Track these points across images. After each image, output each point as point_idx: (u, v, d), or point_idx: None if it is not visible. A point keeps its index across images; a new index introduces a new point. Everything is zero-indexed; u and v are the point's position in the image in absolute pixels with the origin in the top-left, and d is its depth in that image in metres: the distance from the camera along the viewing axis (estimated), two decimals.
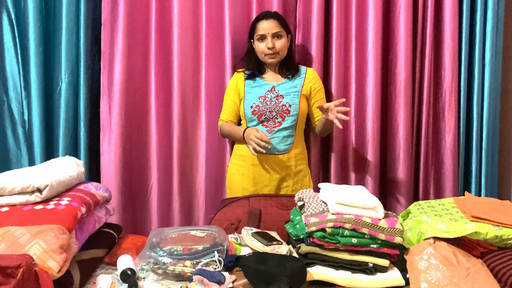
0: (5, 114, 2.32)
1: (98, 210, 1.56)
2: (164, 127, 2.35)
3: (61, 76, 2.26)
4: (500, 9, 2.37)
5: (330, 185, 1.57)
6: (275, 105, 2.10)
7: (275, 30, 2.06)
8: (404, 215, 1.61)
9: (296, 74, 2.15)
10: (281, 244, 1.53)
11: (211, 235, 1.47)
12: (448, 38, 2.33)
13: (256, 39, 2.11)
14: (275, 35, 2.07)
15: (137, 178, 2.36)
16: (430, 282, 1.25)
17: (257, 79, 2.17)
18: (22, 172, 1.48)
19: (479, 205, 1.49)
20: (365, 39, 2.34)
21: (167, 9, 2.30)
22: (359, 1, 2.33)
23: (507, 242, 1.39)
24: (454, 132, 2.38)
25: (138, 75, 2.31)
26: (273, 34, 2.06)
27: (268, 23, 2.07)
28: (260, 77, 2.17)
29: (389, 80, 2.41)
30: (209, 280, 1.25)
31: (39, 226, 1.24)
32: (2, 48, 2.28)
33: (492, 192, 2.47)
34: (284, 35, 2.09)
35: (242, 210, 1.85)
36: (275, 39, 2.07)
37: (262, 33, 2.07)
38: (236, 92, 2.17)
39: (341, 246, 1.36)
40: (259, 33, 2.08)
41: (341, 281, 1.32)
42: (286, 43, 2.12)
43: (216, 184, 2.39)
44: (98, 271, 1.45)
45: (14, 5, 2.26)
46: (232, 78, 2.23)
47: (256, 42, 2.11)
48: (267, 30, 2.06)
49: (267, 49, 2.07)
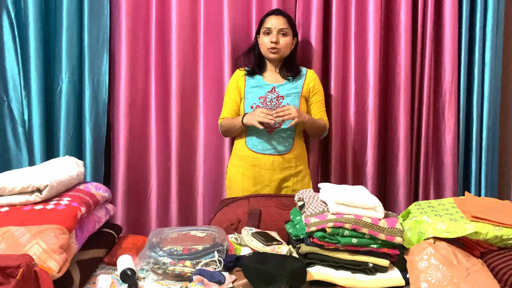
0: (5, 114, 2.31)
1: (98, 210, 1.56)
2: (163, 127, 2.35)
3: (61, 76, 2.25)
4: (500, 9, 2.38)
5: (330, 185, 1.57)
6: (276, 106, 2.10)
7: (282, 27, 2.09)
8: (404, 215, 1.61)
9: (297, 76, 2.16)
10: (281, 244, 1.52)
11: (211, 235, 1.47)
12: (448, 38, 2.34)
13: (262, 32, 2.13)
14: (281, 31, 2.09)
15: (137, 178, 2.36)
16: (430, 282, 1.25)
17: (258, 79, 2.17)
18: (22, 172, 1.48)
19: (479, 205, 1.49)
20: (365, 39, 2.34)
21: (166, 8, 2.30)
22: (359, 1, 2.33)
23: (507, 242, 1.39)
24: (454, 132, 2.38)
25: (140, 76, 2.32)
26: (279, 30, 2.08)
27: (276, 19, 2.10)
28: (260, 75, 2.17)
29: (389, 80, 2.42)
30: (209, 280, 1.25)
31: (39, 226, 1.24)
32: (2, 48, 2.28)
33: (492, 192, 2.47)
34: (289, 34, 2.11)
35: (242, 210, 1.85)
36: (280, 35, 2.09)
37: (268, 27, 2.09)
38: (237, 91, 2.17)
39: (341, 246, 1.36)
40: (266, 26, 2.11)
41: (341, 281, 1.31)
42: (291, 43, 2.13)
43: (215, 184, 2.39)
44: (98, 271, 1.44)
45: (14, 5, 2.26)
46: (232, 77, 2.23)
47: (262, 36, 2.13)
48: (274, 25, 2.08)
49: (270, 43, 2.09)
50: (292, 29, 2.14)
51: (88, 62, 2.26)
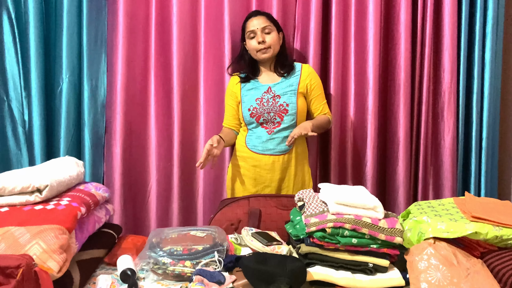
0: (5, 114, 2.31)
1: (98, 210, 1.56)
2: (163, 127, 2.35)
3: (62, 77, 2.26)
4: (500, 9, 2.38)
5: (330, 185, 1.57)
6: (273, 105, 2.10)
7: (264, 25, 2.08)
8: (404, 215, 1.61)
9: (292, 72, 2.15)
10: (281, 244, 1.53)
11: (211, 235, 1.47)
12: (447, 38, 2.34)
13: (247, 38, 2.12)
14: (264, 30, 2.09)
15: (137, 178, 2.36)
16: (430, 282, 1.25)
17: (253, 82, 2.17)
18: (22, 172, 1.48)
19: (479, 205, 1.49)
20: (365, 39, 2.34)
21: (166, 8, 2.30)
22: (359, 1, 2.33)
23: (507, 242, 1.39)
24: (453, 132, 2.38)
25: (139, 76, 2.32)
26: (262, 29, 2.08)
27: (256, 19, 2.10)
28: (254, 80, 2.17)
29: (388, 81, 2.42)
30: (209, 280, 1.25)
31: (39, 226, 1.24)
32: (2, 48, 2.28)
33: (492, 192, 2.47)
34: (273, 30, 2.11)
35: (242, 210, 1.85)
36: (264, 34, 2.09)
37: (252, 29, 2.09)
38: (233, 97, 2.18)
39: (341, 246, 1.36)
40: (249, 29, 2.10)
41: (341, 281, 1.31)
42: (277, 38, 2.12)
43: (215, 184, 2.39)
44: (98, 271, 1.44)
45: (14, 5, 2.26)
46: (228, 84, 2.24)
47: (248, 41, 2.13)
48: (255, 26, 2.09)
49: (258, 44, 2.08)
50: (275, 25, 2.13)
51: (86, 62, 2.26)
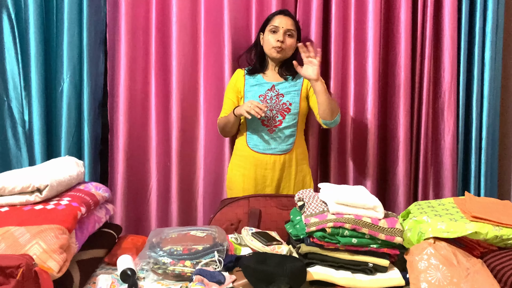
0: (5, 114, 2.31)
1: (98, 210, 1.56)
2: (163, 127, 2.35)
3: (62, 77, 2.25)
4: (500, 9, 2.38)
5: (330, 185, 1.57)
6: (276, 103, 2.10)
7: (289, 28, 2.09)
8: (404, 215, 1.61)
9: (296, 75, 2.15)
10: (281, 244, 1.53)
11: (211, 235, 1.47)
12: (447, 38, 2.34)
13: (268, 30, 2.11)
14: (288, 32, 2.09)
15: (137, 178, 2.36)
16: (430, 282, 1.25)
17: (257, 77, 2.17)
18: (22, 172, 1.47)
19: (479, 205, 1.49)
20: (364, 39, 2.34)
21: (166, 8, 2.30)
22: (359, 1, 2.33)
23: (507, 242, 1.39)
24: (453, 132, 2.39)
25: (140, 76, 2.32)
26: (286, 30, 2.08)
27: (285, 19, 2.10)
28: (260, 74, 2.17)
29: (388, 80, 2.42)
30: (209, 280, 1.25)
31: (39, 226, 1.24)
32: (2, 48, 2.28)
33: (492, 192, 2.47)
34: (294, 36, 2.12)
35: (242, 210, 1.85)
36: (286, 36, 2.09)
37: (276, 25, 2.09)
38: (235, 91, 2.17)
39: (341, 246, 1.36)
40: (273, 24, 2.09)
41: (341, 281, 1.32)
42: (294, 44, 2.12)
43: (215, 184, 2.39)
44: (98, 271, 1.44)
45: (14, 5, 2.26)
46: (232, 77, 2.23)
47: (267, 33, 2.12)
48: (282, 24, 2.08)
49: (276, 42, 2.08)
50: (297, 32, 2.14)
51: (87, 63, 2.26)
